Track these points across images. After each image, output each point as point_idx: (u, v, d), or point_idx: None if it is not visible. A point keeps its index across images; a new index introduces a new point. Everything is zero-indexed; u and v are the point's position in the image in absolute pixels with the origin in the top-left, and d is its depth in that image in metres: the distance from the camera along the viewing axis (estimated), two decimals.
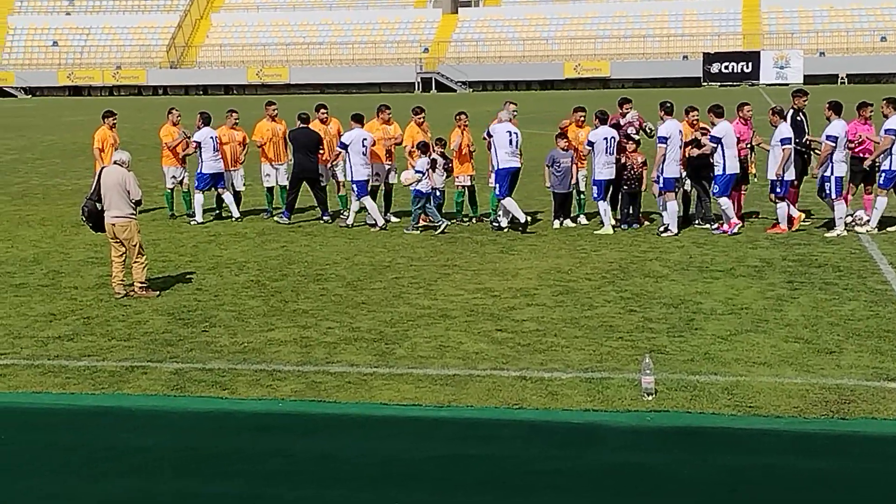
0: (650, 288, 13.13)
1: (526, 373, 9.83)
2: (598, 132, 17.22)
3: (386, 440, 8.42)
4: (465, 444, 8.28)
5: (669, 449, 8.12)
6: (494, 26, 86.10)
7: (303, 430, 8.71)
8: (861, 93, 34.15)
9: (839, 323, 11.25)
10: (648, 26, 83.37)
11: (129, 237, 13.07)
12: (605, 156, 17.10)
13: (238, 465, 7.92)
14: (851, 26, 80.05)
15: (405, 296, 13.02)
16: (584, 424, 8.59)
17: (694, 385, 9.33)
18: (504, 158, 17.32)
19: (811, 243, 15.77)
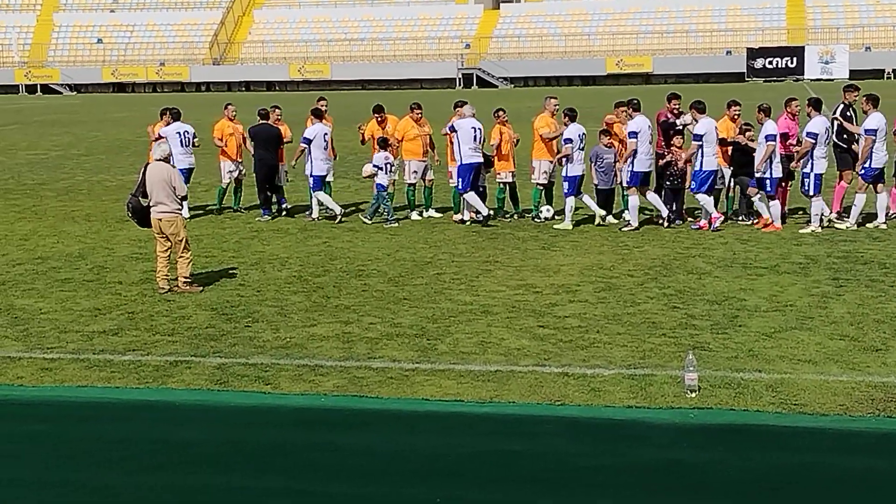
0: (693, 284, 13.04)
1: (568, 369, 9.81)
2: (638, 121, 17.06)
3: (428, 436, 8.44)
4: (508, 440, 8.27)
5: (713, 447, 8.07)
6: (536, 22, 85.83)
7: (345, 425, 8.75)
8: None
9: (885, 320, 11.12)
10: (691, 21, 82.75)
11: (175, 232, 13.19)
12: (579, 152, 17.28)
13: (281, 460, 7.97)
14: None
15: (447, 292, 13.03)
16: (626, 421, 8.56)
17: (738, 382, 9.27)
18: (467, 153, 17.59)
19: (857, 240, 15.59)
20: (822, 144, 16.33)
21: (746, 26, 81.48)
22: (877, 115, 16.35)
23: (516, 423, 8.63)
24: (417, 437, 8.40)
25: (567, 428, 8.51)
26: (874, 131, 16.19)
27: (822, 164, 16.42)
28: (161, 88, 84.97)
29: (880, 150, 16.40)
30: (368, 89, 74.69)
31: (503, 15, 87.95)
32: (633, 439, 8.27)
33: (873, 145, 16.22)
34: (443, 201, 19.55)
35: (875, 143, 16.24)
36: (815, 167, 16.33)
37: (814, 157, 16.31)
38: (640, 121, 16.99)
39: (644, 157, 16.93)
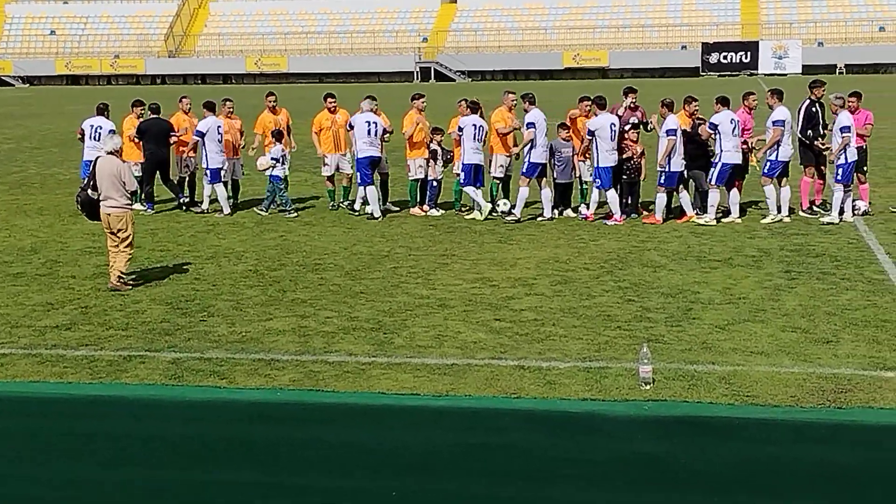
0: (648, 278, 13.14)
1: (524, 362, 9.85)
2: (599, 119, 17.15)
3: (384, 429, 8.44)
4: (464, 434, 8.30)
5: (667, 438, 8.14)
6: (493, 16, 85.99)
7: (301, 420, 8.73)
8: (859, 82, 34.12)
9: (836, 313, 11.27)
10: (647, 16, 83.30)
11: (123, 227, 13.00)
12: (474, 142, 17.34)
13: (236, 454, 7.94)
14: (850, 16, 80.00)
15: (404, 285, 13.03)
16: (581, 413, 8.61)
17: (691, 374, 9.35)
18: (363, 148, 17.84)
19: (809, 233, 15.78)
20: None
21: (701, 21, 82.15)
22: (782, 109, 16.70)
23: (472, 417, 8.65)
24: (373, 431, 8.40)
25: (523, 421, 8.55)
26: (782, 122, 16.44)
27: (787, 151, 16.63)
28: (115, 81, 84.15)
29: (786, 144, 16.62)
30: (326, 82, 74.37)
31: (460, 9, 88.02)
32: (589, 431, 8.32)
33: (781, 137, 16.45)
34: (400, 195, 19.54)
35: (783, 135, 16.46)
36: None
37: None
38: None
39: (539, 149, 17.17)
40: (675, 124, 16.70)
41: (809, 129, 17.32)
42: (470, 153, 17.58)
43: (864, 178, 17.30)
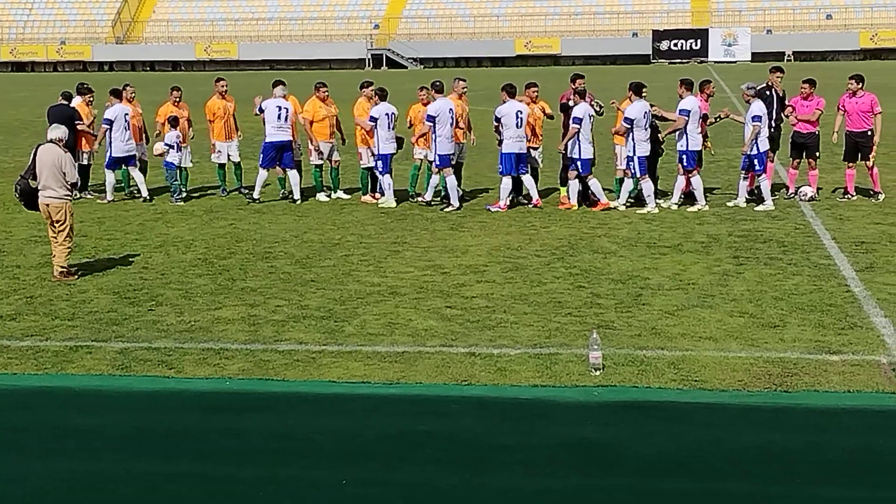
0: (599, 264, 13.20)
1: (475, 349, 9.86)
2: None
3: (335, 418, 8.41)
4: (415, 421, 8.29)
5: (617, 423, 8.19)
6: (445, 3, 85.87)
7: (250, 409, 8.67)
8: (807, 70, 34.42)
9: (783, 297, 11.39)
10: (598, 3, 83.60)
11: (61, 219, 12.70)
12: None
13: (185, 445, 7.88)
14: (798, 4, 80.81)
15: (355, 273, 12.98)
16: (532, 400, 8.63)
17: (641, 360, 9.41)
18: (272, 132, 18.07)
19: (756, 219, 15.94)
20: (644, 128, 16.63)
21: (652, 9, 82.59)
22: (690, 99, 16.78)
23: (423, 404, 8.65)
24: (324, 420, 8.37)
25: (474, 407, 8.55)
26: (687, 112, 16.59)
27: (697, 140, 16.76)
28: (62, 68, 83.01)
29: (694, 133, 16.75)
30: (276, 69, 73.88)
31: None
32: (539, 418, 8.34)
33: (686, 126, 16.59)
34: (350, 182, 19.47)
35: (689, 124, 16.60)
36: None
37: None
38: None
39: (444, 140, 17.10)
40: (582, 112, 16.66)
41: None
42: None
43: (814, 165, 17.49)
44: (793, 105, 17.45)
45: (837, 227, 15.08)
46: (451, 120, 17.16)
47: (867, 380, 8.80)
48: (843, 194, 17.44)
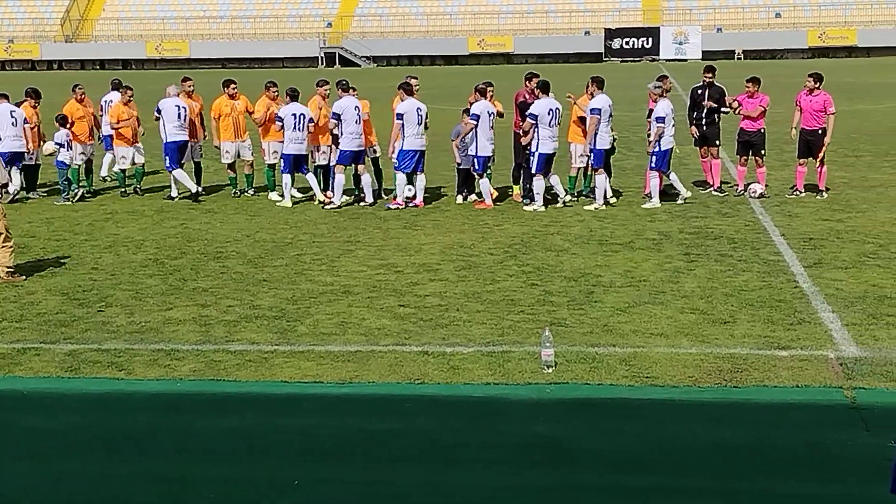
0: (551, 262, 13.25)
1: (428, 347, 9.86)
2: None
3: (287, 418, 8.37)
4: (368, 420, 8.27)
5: (569, 420, 8.22)
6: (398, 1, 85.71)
7: (202, 410, 8.61)
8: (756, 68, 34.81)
9: (733, 294, 11.50)
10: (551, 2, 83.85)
11: None
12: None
13: (136, 446, 7.80)
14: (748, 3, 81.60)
15: (307, 273, 12.93)
16: (484, 398, 8.65)
17: (593, 357, 9.46)
18: (172, 132, 18.19)
19: (707, 216, 16.08)
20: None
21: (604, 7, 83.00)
22: (601, 97, 16.88)
23: (376, 403, 8.63)
24: (276, 420, 8.32)
25: (427, 406, 8.56)
26: (598, 110, 16.71)
27: (606, 140, 16.76)
28: (10, 66, 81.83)
29: (604, 133, 16.87)
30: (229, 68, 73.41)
31: None
32: (492, 416, 8.36)
33: (598, 126, 16.71)
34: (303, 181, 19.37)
35: (599, 124, 16.72)
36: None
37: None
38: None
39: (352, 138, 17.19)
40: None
41: (695, 111, 17.79)
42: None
43: (761, 162, 17.69)
44: (738, 100, 17.63)
45: (786, 224, 15.25)
46: (358, 118, 17.24)
47: (815, 375, 8.91)
48: (793, 191, 17.65)
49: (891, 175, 19.73)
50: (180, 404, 8.73)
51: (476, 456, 7.57)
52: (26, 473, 7.40)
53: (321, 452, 7.68)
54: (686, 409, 8.34)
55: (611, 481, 7.14)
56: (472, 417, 8.31)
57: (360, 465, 7.46)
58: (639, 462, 7.41)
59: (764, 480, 7.07)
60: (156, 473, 7.35)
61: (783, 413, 8.23)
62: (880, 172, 20.08)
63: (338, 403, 8.65)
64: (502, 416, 8.32)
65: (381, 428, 8.09)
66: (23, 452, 7.77)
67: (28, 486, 7.21)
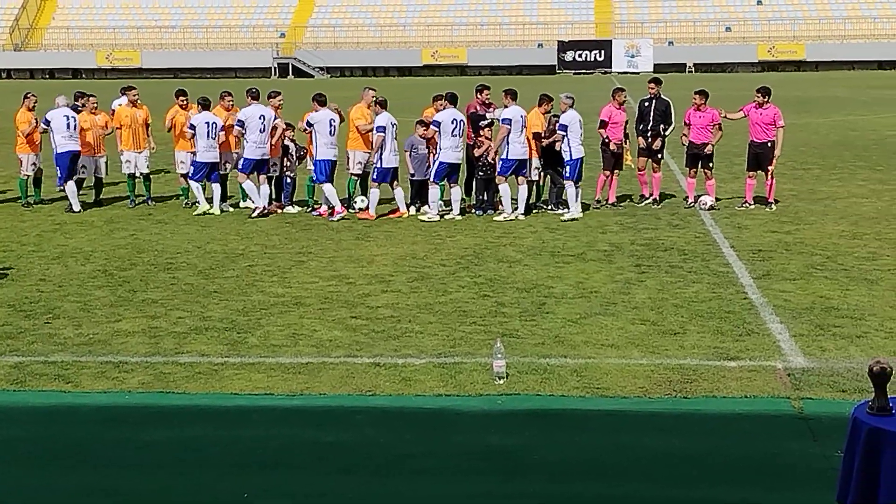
0: (503, 273, 13.28)
1: (379, 359, 9.84)
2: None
3: (237, 430, 8.31)
4: (319, 432, 8.24)
5: (520, 431, 8.23)
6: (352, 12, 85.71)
7: (151, 423, 8.51)
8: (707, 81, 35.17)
9: (683, 305, 11.59)
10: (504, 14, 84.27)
11: None
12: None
13: (84, 459, 7.72)
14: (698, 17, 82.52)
15: (258, 284, 12.86)
16: (436, 409, 8.64)
17: (544, 368, 9.48)
18: (62, 142, 18.04)
19: (658, 227, 16.20)
20: (449, 135, 16.81)
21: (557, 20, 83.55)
22: (514, 108, 17.02)
23: (327, 415, 8.59)
24: (226, 432, 8.26)
25: (378, 418, 8.53)
26: (509, 121, 16.84)
27: (517, 149, 16.89)
28: None
29: (517, 142, 16.97)
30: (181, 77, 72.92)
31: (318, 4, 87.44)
32: (444, 427, 8.35)
33: (508, 135, 16.82)
34: None
35: (511, 133, 16.83)
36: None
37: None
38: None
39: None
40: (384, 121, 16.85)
41: (641, 124, 17.95)
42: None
43: (710, 174, 17.86)
44: (687, 121, 17.78)
45: (736, 236, 15.40)
46: (263, 127, 17.32)
47: (763, 385, 9.00)
48: (742, 203, 17.84)
49: (838, 187, 20.01)
50: (129, 417, 8.63)
51: (427, 467, 7.56)
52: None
53: (271, 465, 7.64)
54: (636, 419, 8.39)
55: (562, 492, 7.16)
56: (424, 429, 8.30)
57: (309, 477, 7.43)
58: (589, 472, 7.44)
59: (712, 490, 7.13)
60: (103, 486, 7.27)
61: (732, 423, 8.29)
62: (828, 185, 20.36)
63: (288, 415, 8.61)
64: (454, 428, 8.32)
65: (332, 440, 8.06)
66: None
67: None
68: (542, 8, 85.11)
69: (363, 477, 7.42)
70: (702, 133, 17.64)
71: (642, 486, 7.20)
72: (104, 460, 7.71)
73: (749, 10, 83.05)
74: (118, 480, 7.36)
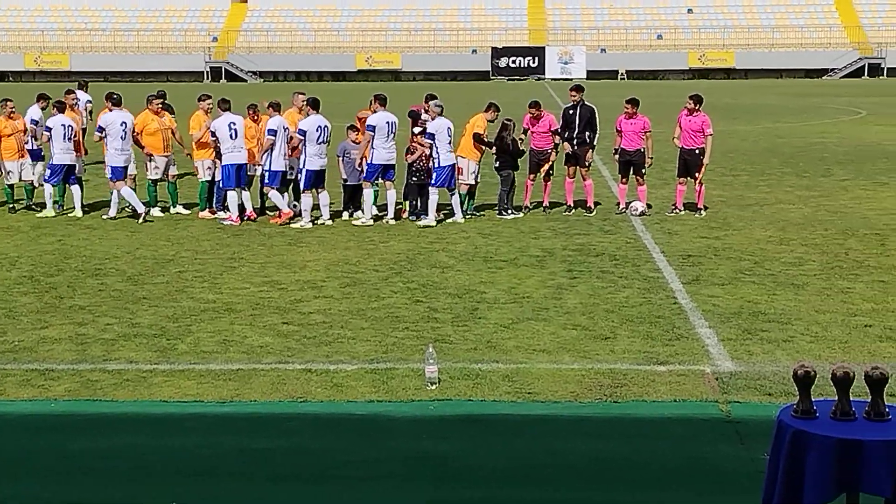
0: (436, 278, 13.29)
1: (311, 365, 9.78)
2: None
3: (167, 438, 8.21)
4: (249, 439, 8.16)
5: (452, 436, 8.23)
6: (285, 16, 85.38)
7: (78, 431, 8.37)
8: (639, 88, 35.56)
9: (614, 310, 11.69)
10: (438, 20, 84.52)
11: None
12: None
13: (9, 469, 7.56)
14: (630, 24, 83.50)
15: (189, 290, 12.72)
16: (368, 415, 8.61)
17: (476, 373, 9.50)
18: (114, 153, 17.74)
19: (590, 233, 16.33)
20: (314, 143, 16.83)
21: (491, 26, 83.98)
22: (381, 114, 17.14)
23: (258, 422, 8.52)
24: (155, 440, 8.15)
25: (310, 424, 8.48)
26: (373, 127, 16.96)
27: (382, 155, 17.01)
28: None
29: (383, 148, 17.07)
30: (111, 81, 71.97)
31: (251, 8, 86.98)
32: (376, 433, 8.32)
33: (372, 141, 16.95)
34: (188, 197, 19.08)
35: (376, 139, 16.95)
36: (307, 164, 16.93)
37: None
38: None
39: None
40: (273, 125, 16.88)
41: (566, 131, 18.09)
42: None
43: (641, 181, 18.05)
44: (619, 128, 17.95)
45: (666, 241, 15.58)
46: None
47: (692, 389, 9.11)
48: (672, 209, 18.05)
49: (766, 193, 20.35)
50: (55, 425, 8.48)
51: (359, 473, 7.52)
52: None
53: (201, 472, 7.55)
54: (567, 424, 8.43)
55: (494, 496, 7.17)
56: (355, 435, 8.26)
57: (240, 485, 7.36)
58: (520, 477, 7.45)
59: (642, 493, 7.19)
60: (30, 496, 7.13)
61: (661, 427, 8.37)
62: (756, 191, 20.69)
63: (218, 423, 8.52)
64: (386, 434, 8.30)
65: (262, 447, 7.99)
66: None
67: None
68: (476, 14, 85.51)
69: (294, 484, 7.37)
70: (633, 140, 17.82)
71: (573, 490, 7.24)
72: (29, 470, 7.56)
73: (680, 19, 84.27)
74: (44, 491, 7.22)
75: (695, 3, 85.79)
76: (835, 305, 11.76)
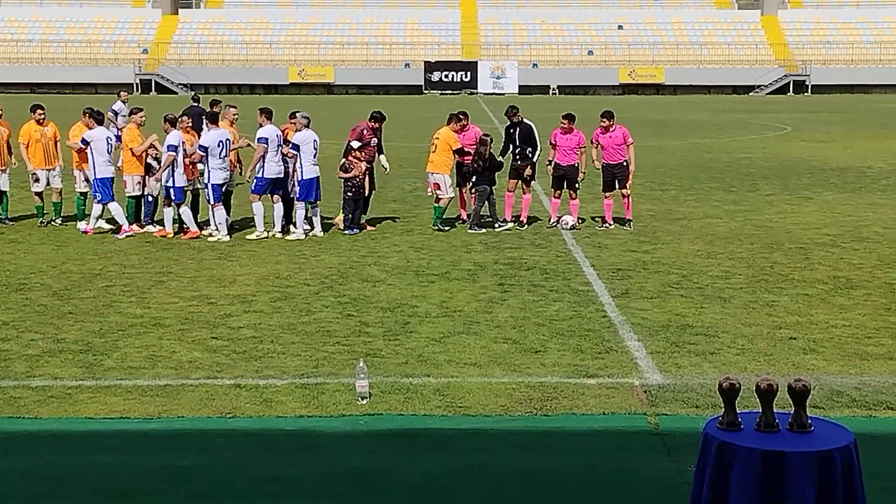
0: (368, 292, 13.26)
1: (241, 380, 9.69)
2: None
3: (92, 455, 8.07)
4: (176, 456, 8.05)
5: (383, 452, 8.20)
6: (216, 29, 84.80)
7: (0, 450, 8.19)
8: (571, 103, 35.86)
9: (545, 323, 11.75)
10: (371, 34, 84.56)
11: None
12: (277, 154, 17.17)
13: None
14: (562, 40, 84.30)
15: (116, 304, 12.54)
16: (298, 431, 8.55)
17: (407, 387, 9.49)
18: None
19: (521, 247, 16.42)
20: (217, 157, 16.84)
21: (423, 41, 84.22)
22: (269, 127, 17.22)
23: (185, 438, 8.41)
24: (80, 458, 8.01)
25: (238, 440, 8.39)
26: (266, 140, 17.04)
27: (272, 168, 17.04)
28: None
29: (272, 161, 17.11)
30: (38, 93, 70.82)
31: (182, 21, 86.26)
32: (305, 448, 8.26)
33: (265, 154, 17.01)
34: None
35: (267, 153, 17.02)
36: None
37: (209, 168, 16.87)
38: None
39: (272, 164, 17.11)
40: (175, 140, 16.83)
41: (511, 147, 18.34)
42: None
43: (574, 195, 18.20)
44: (554, 142, 18.09)
45: (596, 255, 15.71)
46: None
47: (621, 402, 9.18)
48: (601, 223, 18.22)
49: (694, 208, 20.63)
50: None
51: (288, 490, 7.46)
52: None
53: (126, 490, 7.43)
54: (498, 437, 8.45)
55: None
56: (285, 451, 8.19)
57: (167, 502, 7.25)
58: (450, 491, 7.45)
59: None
60: None
61: (590, 440, 8.43)
62: (684, 206, 20.97)
63: (144, 440, 8.39)
64: (315, 449, 8.24)
65: (188, 464, 7.89)
66: None
67: None
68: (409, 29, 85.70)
69: (224, 501, 7.29)
70: (567, 155, 17.98)
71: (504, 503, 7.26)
72: None
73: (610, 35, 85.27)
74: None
75: (625, 20, 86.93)
76: (760, 318, 11.95)
